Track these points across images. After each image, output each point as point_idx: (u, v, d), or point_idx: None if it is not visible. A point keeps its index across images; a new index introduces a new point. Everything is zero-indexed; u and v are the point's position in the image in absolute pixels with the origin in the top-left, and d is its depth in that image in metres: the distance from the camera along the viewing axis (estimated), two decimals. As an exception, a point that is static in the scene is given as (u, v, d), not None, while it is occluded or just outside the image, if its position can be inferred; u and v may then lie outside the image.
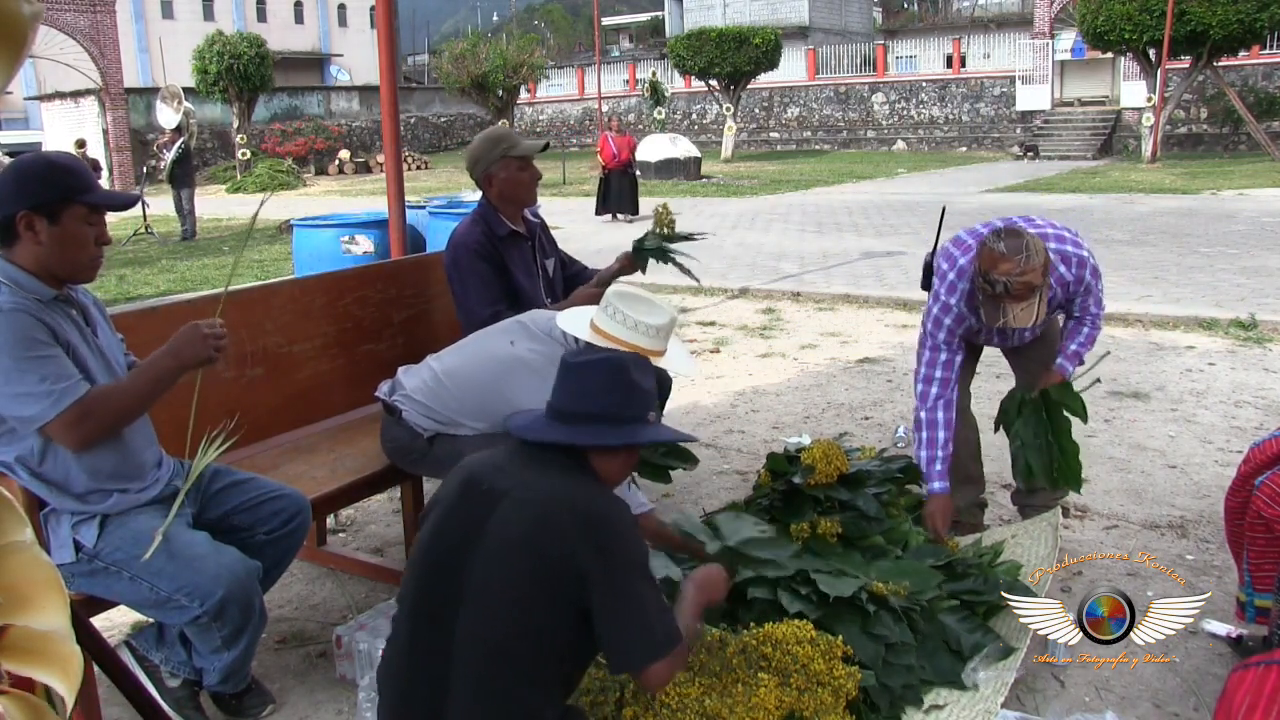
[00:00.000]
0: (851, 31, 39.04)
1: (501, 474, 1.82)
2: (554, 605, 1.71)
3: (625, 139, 14.98)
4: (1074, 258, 2.95)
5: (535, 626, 1.71)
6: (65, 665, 1.02)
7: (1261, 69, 24.90)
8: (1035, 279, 2.69)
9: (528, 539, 1.72)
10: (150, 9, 41.11)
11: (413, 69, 51.18)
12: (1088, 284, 3.02)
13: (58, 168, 2.11)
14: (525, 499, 1.76)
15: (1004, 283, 2.68)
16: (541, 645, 1.72)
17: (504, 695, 1.71)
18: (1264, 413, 4.71)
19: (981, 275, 2.75)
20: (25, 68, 25.17)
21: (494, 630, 1.72)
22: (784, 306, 7.83)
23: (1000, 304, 2.73)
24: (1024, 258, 2.67)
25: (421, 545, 1.86)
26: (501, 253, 3.26)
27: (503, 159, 3.25)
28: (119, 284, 9.92)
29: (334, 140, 30.63)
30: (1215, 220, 11.75)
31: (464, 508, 1.81)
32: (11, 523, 1.05)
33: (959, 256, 2.99)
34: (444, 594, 1.77)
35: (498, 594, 1.72)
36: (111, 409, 2.13)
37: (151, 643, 2.47)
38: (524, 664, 1.71)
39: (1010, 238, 2.72)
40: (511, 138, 3.32)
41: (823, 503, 2.95)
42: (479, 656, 1.72)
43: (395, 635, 1.86)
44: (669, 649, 1.75)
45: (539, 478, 1.80)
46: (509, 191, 3.28)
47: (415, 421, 2.79)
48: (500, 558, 1.73)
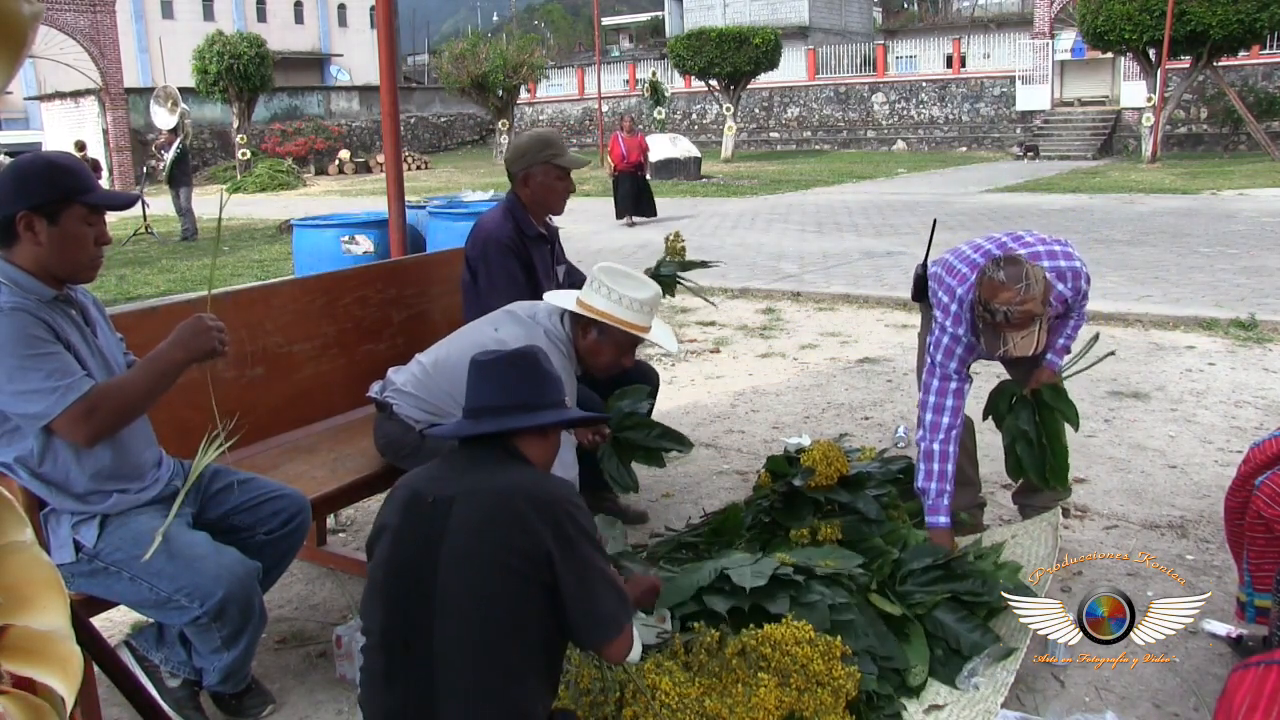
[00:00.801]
0: (851, 31, 39.04)
1: (443, 482, 1.82)
2: (527, 593, 1.72)
3: (636, 139, 14.39)
4: (1068, 272, 2.96)
5: (513, 620, 1.72)
6: (65, 665, 1.02)
7: (1261, 69, 24.90)
8: (1035, 308, 2.68)
9: (490, 534, 1.73)
10: (150, 9, 41.11)
11: (413, 69, 51.19)
12: (1084, 291, 3.05)
13: (57, 168, 2.11)
14: (477, 497, 1.77)
15: (1004, 312, 2.68)
16: (523, 639, 1.73)
17: (497, 698, 1.71)
18: (1264, 413, 4.71)
19: (982, 304, 2.74)
20: (25, 68, 25.20)
21: (475, 633, 1.71)
22: (784, 306, 7.83)
23: (1001, 333, 2.72)
24: (1024, 287, 2.66)
25: (379, 571, 1.82)
26: (530, 252, 3.29)
27: (545, 163, 3.29)
28: (119, 284, 9.92)
29: (334, 140, 30.64)
30: (1215, 220, 11.75)
31: (415, 524, 1.80)
32: (11, 523, 1.05)
33: (957, 287, 2.97)
34: (414, 613, 1.75)
35: (472, 596, 1.72)
36: (117, 403, 2.12)
37: (151, 643, 2.47)
38: (510, 661, 1.72)
39: (1009, 266, 2.71)
40: (559, 145, 3.36)
41: (823, 505, 2.94)
42: (465, 665, 1.71)
43: (370, 665, 1.80)
44: (628, 618, 1.82)
45: (481, 476, 1.82)
46: (542, 196, 3.32)
47: (407, 414, 2.80)
48: (467, 559, 1.73)
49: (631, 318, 2.66)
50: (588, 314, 2.68)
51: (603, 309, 2.66)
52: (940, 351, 2.98)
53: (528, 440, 1.90)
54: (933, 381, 2.99)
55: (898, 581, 2.66)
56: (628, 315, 2.65)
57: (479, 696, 1.70)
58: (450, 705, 1.71)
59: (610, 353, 2.76)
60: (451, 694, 1.71)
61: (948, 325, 2.97)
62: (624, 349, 2.77)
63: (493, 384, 1.89)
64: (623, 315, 2.64)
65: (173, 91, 15.45)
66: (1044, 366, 3.17)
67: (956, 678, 2.43)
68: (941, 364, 2.98)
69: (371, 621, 1.81)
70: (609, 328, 2.69)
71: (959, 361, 2.98)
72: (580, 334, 2.75)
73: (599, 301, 2.66)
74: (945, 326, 2.98)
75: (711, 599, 2.47)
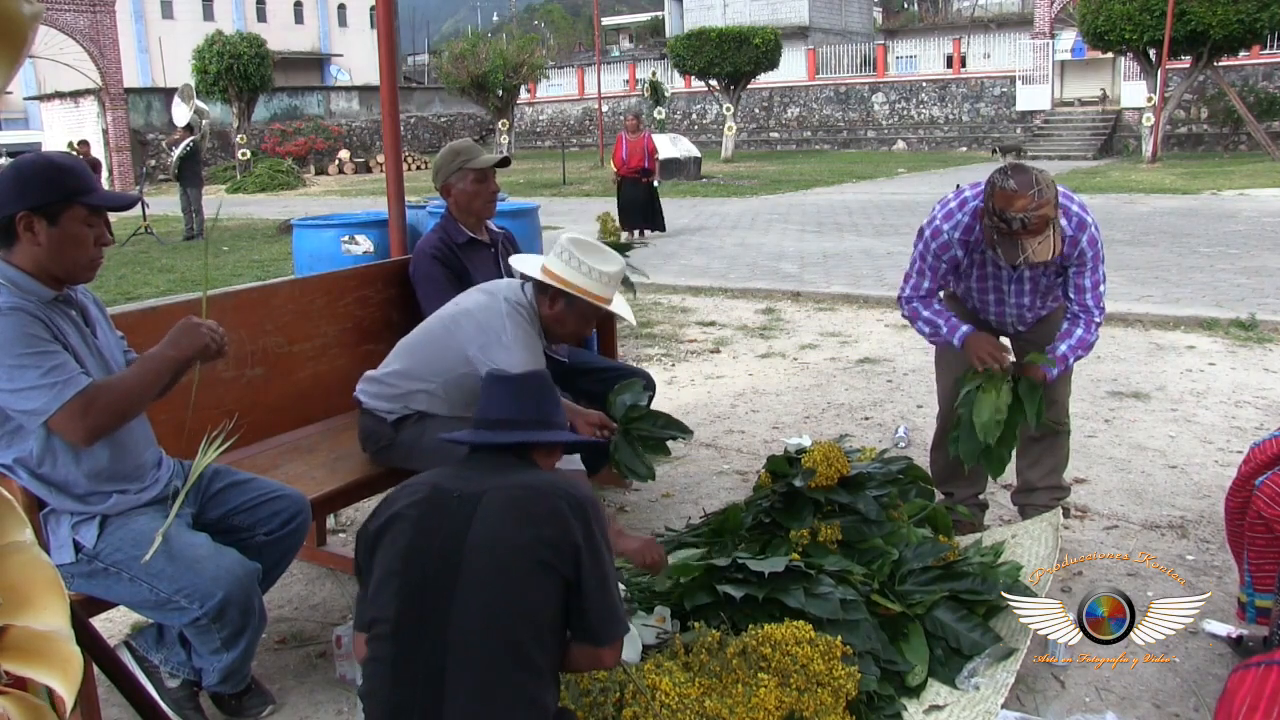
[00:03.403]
0: (851, 31, 39.03)
1: (468, 480, 1.89)
2: (549, 585, 1.78)
3: (640, 140, 12.58)
4: (1075, 216, 2.93)
5: (533, 611, 1.77)
6: (65, 665, 1.02)
7: (1261, 69, 24.91)
8: (1049, 211, 2.69)
9: (522, 524, 1.79)
10: (150, 9, 41.13)
11: (413, 69, 51.16)
12: (1083, 252, 2.95)
13: (59, 169, 2.11)
14: (508, 491, 1.85)
15: (1020, 219, 2.67)
16: (539, 629, 1.77)
17: (511, 685, 1.73)
18: (1264, 413, 4.71)
19: (996, 214, 2.73)
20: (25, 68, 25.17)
21: (496, 620, 1.74)
22: (784, 306, 7.83)
23: (1018, 240, 2.72)
24: (1036, 191, 2.67)
25: (396, 562, 1.81)
26: (461, 259, 3.39)
27: (460, 170, 3.40)
28: (119, 284, 9.92)
29: (334, 140, 30.63)
30: (1215, 220, 11.75)
31: (439, 516, 1.83)
32: (11, 523, 1.05)
33: (966, 190, 3.00)
34: (432, 601, 1.76)
35: (497, 583, 1.76)
36: (114, 399, 2.12)
37: (151, 643, 2.47)
38: (526, 650, 1.74)
39: (1018, 174, 2.72)
40: (471, 151, 3.46)
41: (823, 505, 2.94)
42: (482, 652, 1.72)
43: (378, 654, 1.79)
44: (626, 628, 1.90)
45: (507, 475, 1.90)
46: (464, 202, 3.43)
47: (375, 406, 2.91)
48: (496, 547, 1.78)
49: (595, 289, 2.76)
50: (557, 284, 2.76)
51: (572, 280, 2.75)
52: (920, 244, 3.08)
53: (542, 454, 2.03)
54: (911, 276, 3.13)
55: (897, 581, 2.66)
56: (592, 286, 2.75)
57: (494, 683, 1.72)
58: (462, 693, 1.72)
59: (574, 323, 2.85)
60: (465, 681, 1.72)
61: (938, 218, 3.03)
62: (587, 319, 2.88)
63: (510, 398, 2.01)
64: (587, 286, 2.74)
65: (193, 91, 15.53)
66: (1037, 367, 3.07)
67: (956, 678, 2.43)
68: (915, 284, 3.10)
69: (384, 610, 1.80)
70: (576, 299, 2.77)
71: (934, 256, 3.05)
72: (547, 303, 2.83)
73: (569, 273, 2.75)
74: (935, 220, 3.04)
75: (725, 586, 2.49)
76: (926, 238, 3.06)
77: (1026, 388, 3.05)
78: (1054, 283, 3.10)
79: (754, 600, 2.45)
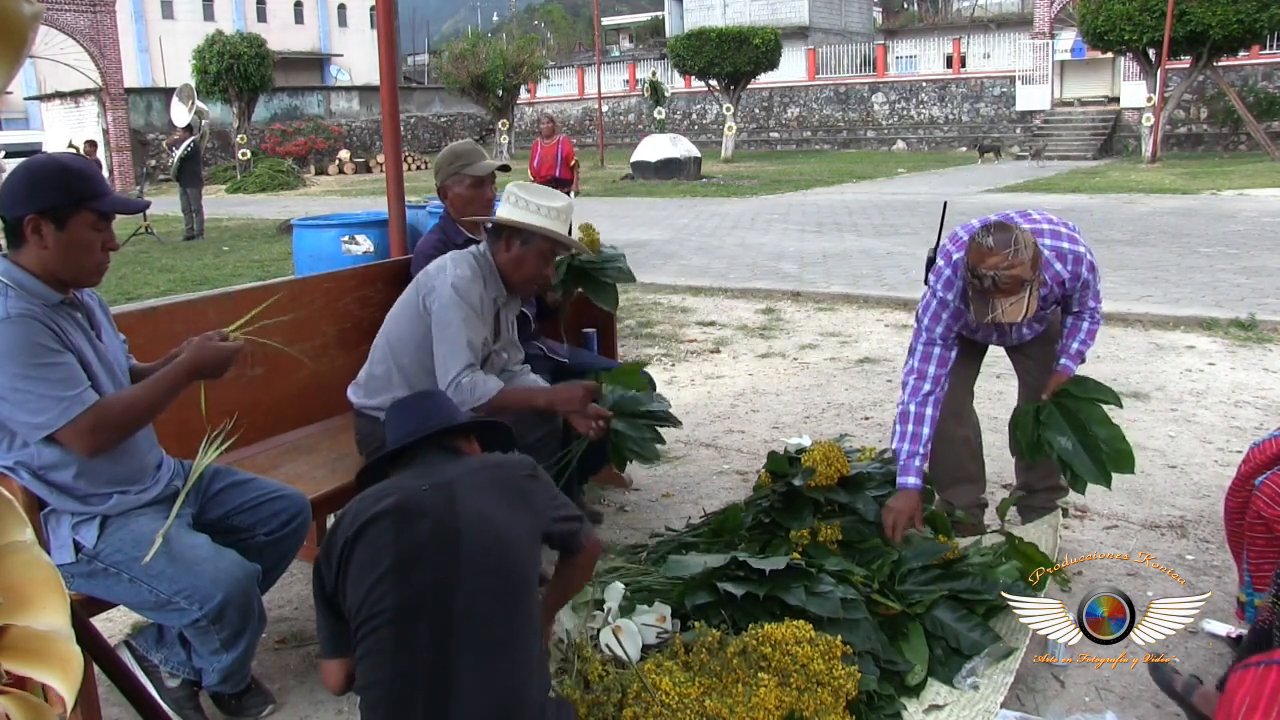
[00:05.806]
0: (851, 31, 39.04)
1: (427, 475, 1.98)
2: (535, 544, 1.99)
3: (554, 146, 10.69)
4: (1070, 254, 2.92)
5: (529, 575, 1.92)
6: (65, 665, 1.03)
7: (1261, 69, 24.91)
8: (1024, 273, 2.64)
9: (507, 501, 1.96)
10: (150, 9, 41.12)
11: (413, 69, 51.16)
12: (1085, 280, 2.98)
13: (70, 172, 2.09)
14: (476, 475, 1.99)
15: (991, 277, 2.65)
16: (533, 593, 1.92)
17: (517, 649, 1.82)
18: (1264, 413, 4.71)
19: (970, 270, 2.72)
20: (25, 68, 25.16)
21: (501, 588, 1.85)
22: (784, 306, 7.83)
23: (989, 299, 2.69)
24: (1011, 251, 2.63)
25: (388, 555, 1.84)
26: None
27: (456, 174, 3.42)
28: (119, 284, 9.91)
29: (334, 140, 30.65)
30: (1215, 220, 11.75)
31: (419, 507, 1.89)
32: (12, 523, 1.05)
33: (954, 252, 2.97)
34: (434, 582, 1.81)
35: (497, 552, 1.87)
36: (122, 417, 2.13)
37: (151, 643, 2.47)
38: (529, 614, 1.88)
39: (999, 231, 2.70)
40: (470, 155, 3.47)
41: (822, 505, 2.94)
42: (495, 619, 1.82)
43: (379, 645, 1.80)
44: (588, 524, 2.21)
45: (459, 464, 2.04)
46: (460, 206, 3.45)
47: (364, 405, 2.93)
48: (489, 524, 1.89)
49: (549, 224, 2.87)
50: (507, 223, 2.87)
51: (525, 220, 2.85)
52: (928, 316, 3.00)
53: (463, 441, 2.17)
54: (917, 346, 3.03)
55: (897, 581, 2.66)
56: (545, 222, 2.86)
57: (502, 647, 1.80)
58: (470, 660, 1.77)
59: (533, 262, 2.92)
60: (471, 649, 1.77)
61: (939, 289, 2.98)
62: (546, 258, 2.95)
63: (424, 410, 2.16)
64: (541, 223, 2.85)
65: (194, 92, 15.53)
66: (1058, 372, 3.10)
67: (955, 677, 2.43)
68: (928, 328, 3.00)
69: (382, 603, 1.82)
70: (531, 236, 2.86)
71: (944, 327, 2.99)
72: (502, 248, 2.91)
73: (517, 214, 2.87)
74: (936, 290, 2.99)
75: (725, 584, 2.49)
76: (934, 309, 2.98)
77: (1075, 388, 3.07)
78: (1054, 309, 3.11)
79: (754, 598, 2.46)
